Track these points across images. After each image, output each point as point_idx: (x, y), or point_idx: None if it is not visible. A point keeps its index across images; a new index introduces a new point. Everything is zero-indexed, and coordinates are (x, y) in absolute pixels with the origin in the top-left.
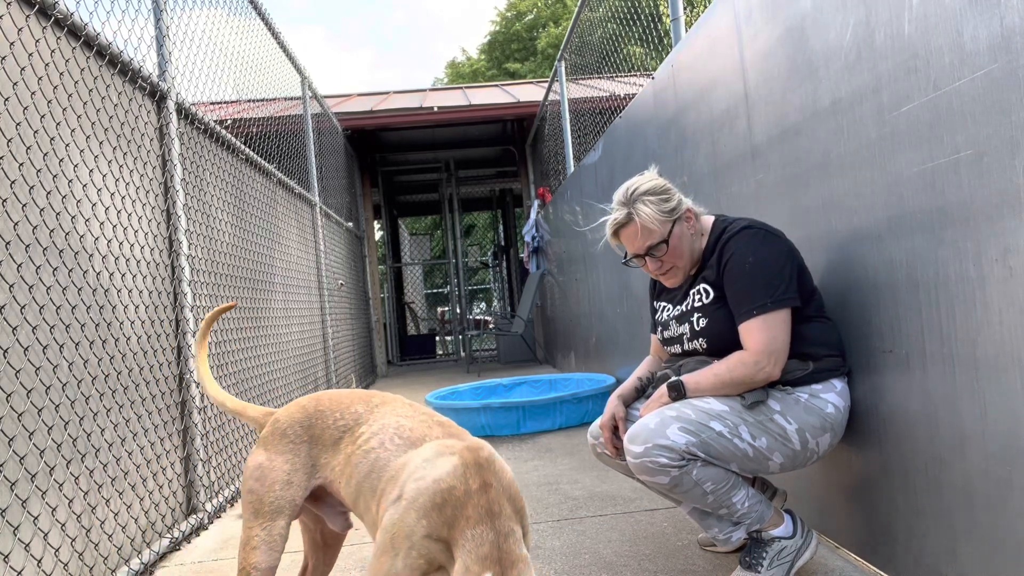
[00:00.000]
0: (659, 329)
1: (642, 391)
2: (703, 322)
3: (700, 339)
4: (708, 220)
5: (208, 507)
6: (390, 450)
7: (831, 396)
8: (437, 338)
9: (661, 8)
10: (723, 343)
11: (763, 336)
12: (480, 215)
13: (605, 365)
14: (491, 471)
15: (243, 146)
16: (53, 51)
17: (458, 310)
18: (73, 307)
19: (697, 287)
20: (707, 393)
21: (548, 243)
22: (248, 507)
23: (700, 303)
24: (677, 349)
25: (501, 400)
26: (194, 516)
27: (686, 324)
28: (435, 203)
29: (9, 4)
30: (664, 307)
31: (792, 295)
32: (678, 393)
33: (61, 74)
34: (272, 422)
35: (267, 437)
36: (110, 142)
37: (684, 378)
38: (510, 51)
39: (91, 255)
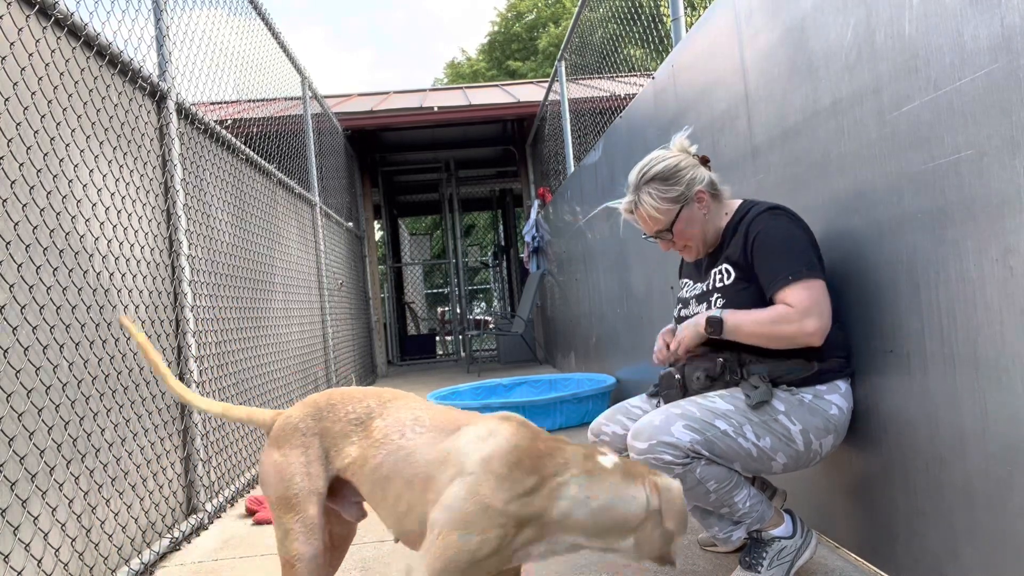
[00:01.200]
0: (678, 307)
1: None
2: (721, 303)
3: None
4: (734, 203)
5: (208, 507)
6: (414, 440)
7: (835, 397)
8: (437, 338)
9: (662, 8)
10: None
11: (806, 296)
12: (480, 215)
13: (605, 365)
14: (533, 426)
15: (243, 146)
16: (53, 51)
17: (458, 310)
18: (73, 307)
19: (719, 267)
20: (742, 338)
21: (548, 243)
22: (276, 505)
23: (721, 284)
24: None
25: (501, 400)
26: (194, 516)
27: (704, 304)
28: (435, 203)
29: (9, 4)
30: (686, 284)
31: (822, 270)
32: (715, 329)
33: (61, 74)
34: (283, 419)
35: (278, 435)
36: (110, 142)
37: (725, 315)
38: (510, 51)
39: (91, 255)
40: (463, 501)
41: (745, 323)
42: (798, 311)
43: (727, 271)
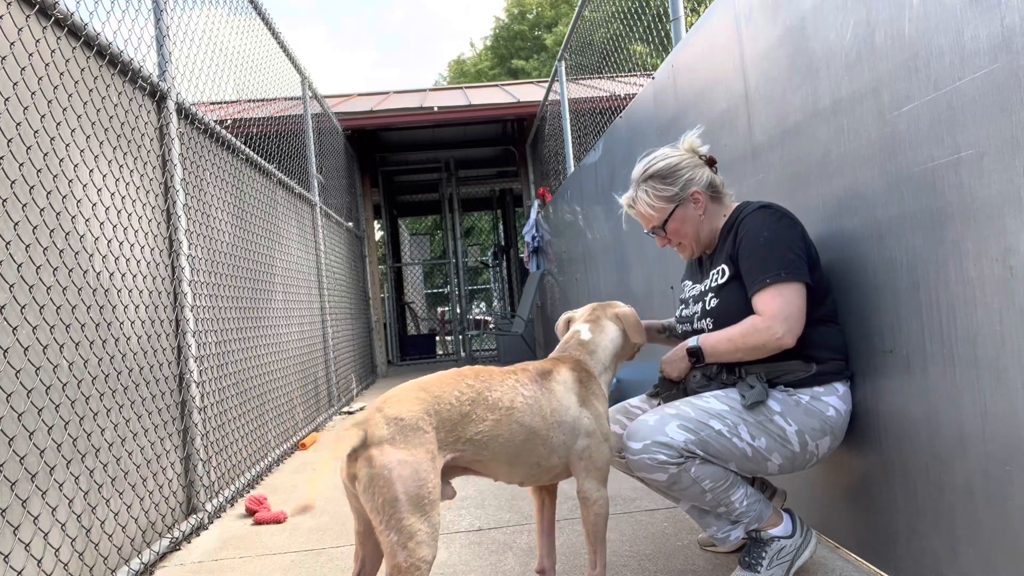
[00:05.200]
0: (679, 307)
1: (664, 330)
2: (714, 302)
3: (708, 319)
4: (734, 206)
5: (208, 507)
6: (531, 396)
7: (832, 399)
8: (437, 338)
9: (663, 8)
10: (729, 324)
11: (777, 302)
12: (481, 217)
13: None
14: (571, 354)
15: (243, 146)
16: (53, 51)
17: (458, 310)
18: (73, 307)
19: (716, 267)
20: (723, 358)
21: (548, 243)
22: (405, 506)
23: (716, 283)
24: (688, 328)
25: None
26: (194, 516)
27: (699, 304)
28: (435, 203)
29: (9, 4)
30: (686, 285)
31: (805, 273)
32: (696, 359)
33: (61, 74)
34: (393, 422)
35: (395, 436)
36: (110, 142)
37: (701, 340)
38: (514, 48)
39: (91, 255)
40: (593, 422)
41: (719, 343)
42: (765, 318)
43: (722, 271)
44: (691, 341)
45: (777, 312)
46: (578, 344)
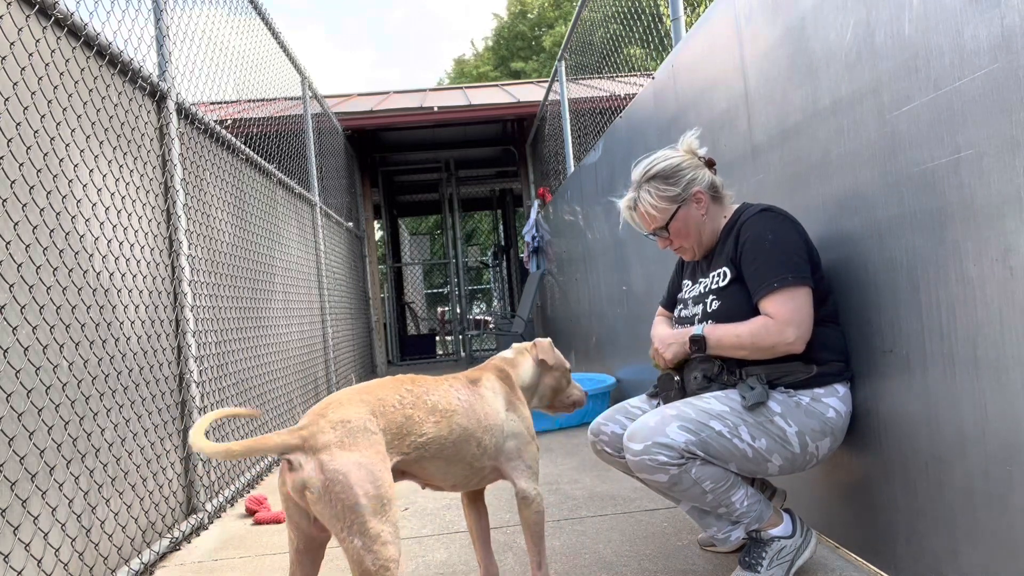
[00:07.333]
0: (678, 307)
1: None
2: (716, 304)
3: (709, 321)
4: (734, 207)
5: (208, 507)
6: (465, 400)
7: (833, 400)
8: (437, 338)
9: (662, 9)
10: None
11: (788, 307)
12: (482, 221)
13: (605, 365)
14: (492, 366)
15: (243, 146)
16: (53, 51)
17: (458, 310)
18: (73, 307)
19: (716, 269)
20: (725, 352)
21: (548, 243)
22: (367, 508)
23: (717, 285)
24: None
25: None
26: (194, 516)
27: (700, 305)
28: (435, 203)
29: (9, 4)
30: (686, 284)
31: (810, 276)
32: (698, 347)
33: (61, 74)
34: (339, 425)
35: (343, 440)
36: (110, 142)
37: (707, 331)
38: (514, 48)
39: (91, 255)
40: (519, 423)
41: (726, 337)
42: (778, 322)
43: (723, 273)
44: (695, 329)
45: (789, 317)
46: (500, 359)
